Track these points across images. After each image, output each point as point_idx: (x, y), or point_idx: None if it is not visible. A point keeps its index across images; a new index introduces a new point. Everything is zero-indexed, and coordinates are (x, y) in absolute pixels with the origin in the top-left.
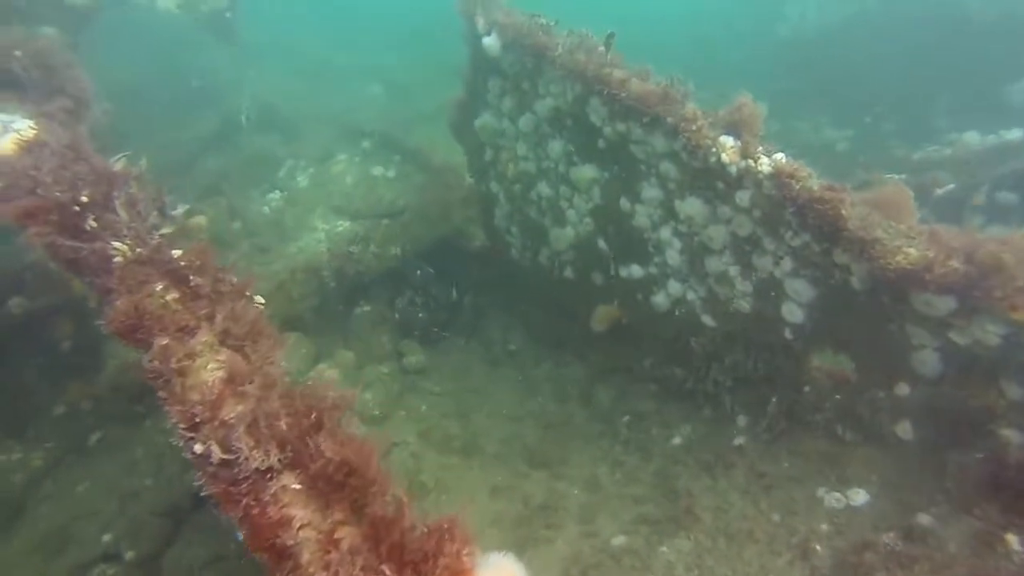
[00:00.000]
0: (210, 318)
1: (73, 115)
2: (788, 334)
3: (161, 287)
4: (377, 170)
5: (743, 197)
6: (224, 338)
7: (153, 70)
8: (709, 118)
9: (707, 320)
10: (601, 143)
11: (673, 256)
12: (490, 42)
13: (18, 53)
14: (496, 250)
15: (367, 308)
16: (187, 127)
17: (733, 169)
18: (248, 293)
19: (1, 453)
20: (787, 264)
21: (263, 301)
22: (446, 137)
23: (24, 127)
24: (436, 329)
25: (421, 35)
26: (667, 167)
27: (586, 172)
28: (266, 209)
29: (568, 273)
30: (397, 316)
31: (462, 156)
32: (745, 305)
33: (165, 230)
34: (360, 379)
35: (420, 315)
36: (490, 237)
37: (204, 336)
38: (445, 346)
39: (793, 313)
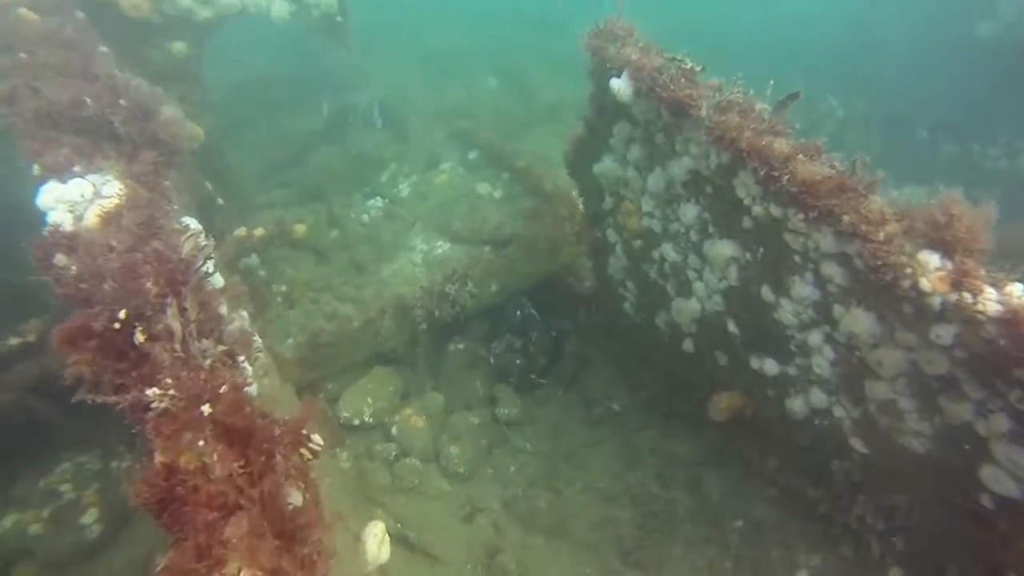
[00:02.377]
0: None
1: (163, 166)
2: (988, 503)
3: (203, 442)
4: (483, 187)
5: (943, 333)
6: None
7: (273, 67)
8: (904, 221)
9: (857, 444)
10: (747, 221)
11: (822, 364)
12: (620, 85)
13: (123, 102)
14: (606, 299)
15: (461, 346)
16: (303, 120)
17: (936, 301)
18: (302, 452)
19: (114, 459)
20: (1001, 423)
21: (320, 443)
22: (561, 146)
23: (112, 191)
24: (534, 376)
25: (549, 22)
26: (832, 270)
27: (723, 249)
28: (365, 217)
29: (687, 346)
30: (492, 361)
31: None
32: (917, 446)
33: (217, 348)
34: (447, 427)
35: (518, 361)
36: (601, 285)
37: (238, 529)
38: (542, 395)
39: (1002, 483)
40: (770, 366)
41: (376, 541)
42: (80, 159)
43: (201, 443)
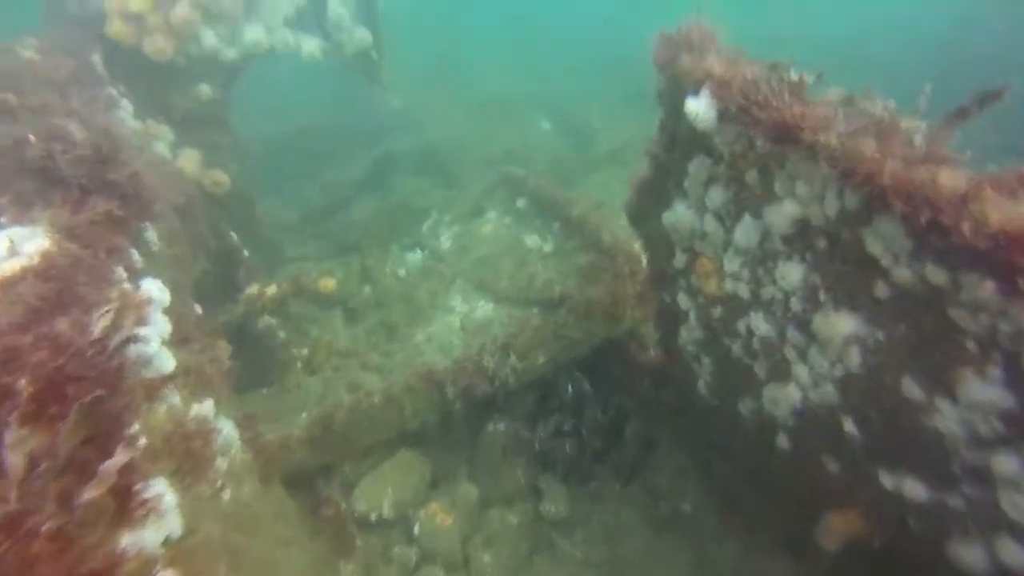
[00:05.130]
0: None
1: (120, 220)
2: None
3: None
4: (531, 240)
5: None
6: None
7: (314, 114)
8: None
9: None
10: (882, 288)
11: (1020, 504)
12: (699, 107)
13: (77, 138)
14: (674, 370)
15: (501, 426)
16: (345, 169)
17: None
18: None
19: None
20: None
21: None
22: (623, 192)
23: (35, 248)
24: (587, 464)
25: (607, 60)
26: None
27: (841, 325)
28: (402, 271)
29: (781, 442)
30: (538, 447)
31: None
32: None
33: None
34: (481, 527)
35: (568, 447)
36: (670, 358)
37: None
38: (597, 488)
39: None
40: (915, 489)
41: None
42: (16, 207)
43: None
